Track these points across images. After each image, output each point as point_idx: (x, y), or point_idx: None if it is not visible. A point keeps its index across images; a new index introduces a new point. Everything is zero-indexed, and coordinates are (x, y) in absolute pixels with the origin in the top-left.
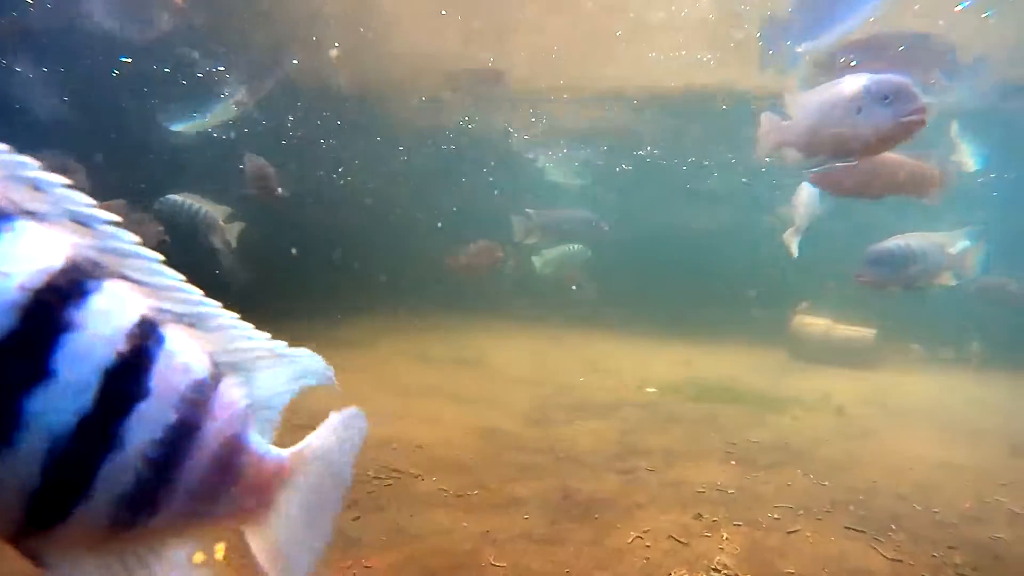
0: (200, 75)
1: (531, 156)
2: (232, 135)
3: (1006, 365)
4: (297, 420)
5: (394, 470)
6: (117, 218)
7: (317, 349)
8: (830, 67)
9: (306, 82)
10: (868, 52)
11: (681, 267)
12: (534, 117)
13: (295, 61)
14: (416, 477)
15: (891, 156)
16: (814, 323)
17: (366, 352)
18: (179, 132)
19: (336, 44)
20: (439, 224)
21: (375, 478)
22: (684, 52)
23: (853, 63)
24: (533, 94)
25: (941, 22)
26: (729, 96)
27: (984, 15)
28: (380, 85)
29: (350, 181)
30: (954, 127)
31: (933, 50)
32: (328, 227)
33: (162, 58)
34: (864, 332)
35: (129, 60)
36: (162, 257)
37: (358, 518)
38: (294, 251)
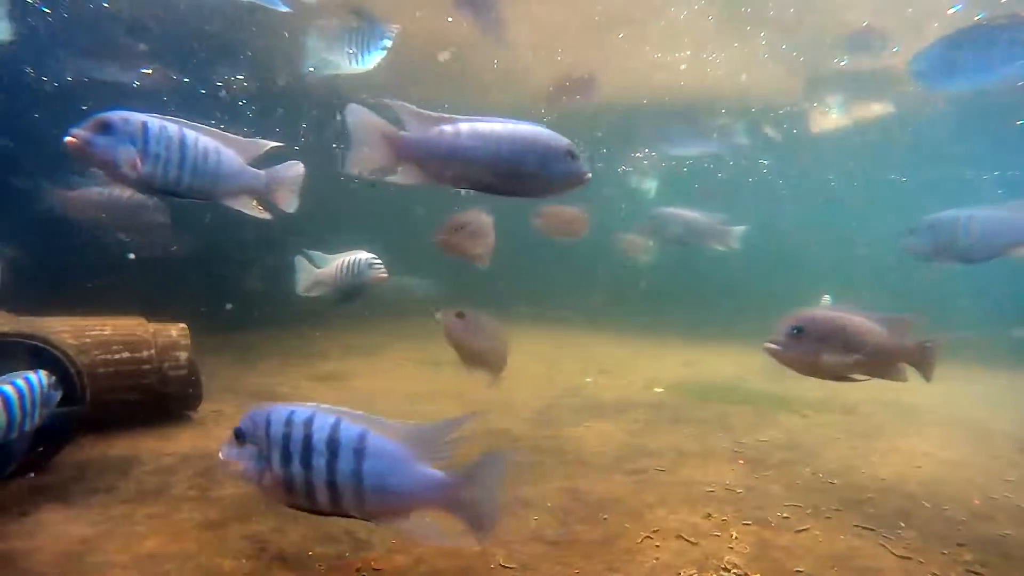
0: None
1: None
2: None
3: (1014, 363)
4: None
5: None
6: None
7: (329, 356)
8: None
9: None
10: None
11: (685, 267)
12: (546, 119)
13: (311, 69)
14: None
15: None
16: None
17: (375, 358)
18: None
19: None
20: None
21: None
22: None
23: None
24: None
25: (936, 24)
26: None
27: (976, 17)
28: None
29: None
30: None
31: None
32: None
33: None
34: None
35: None
36: None
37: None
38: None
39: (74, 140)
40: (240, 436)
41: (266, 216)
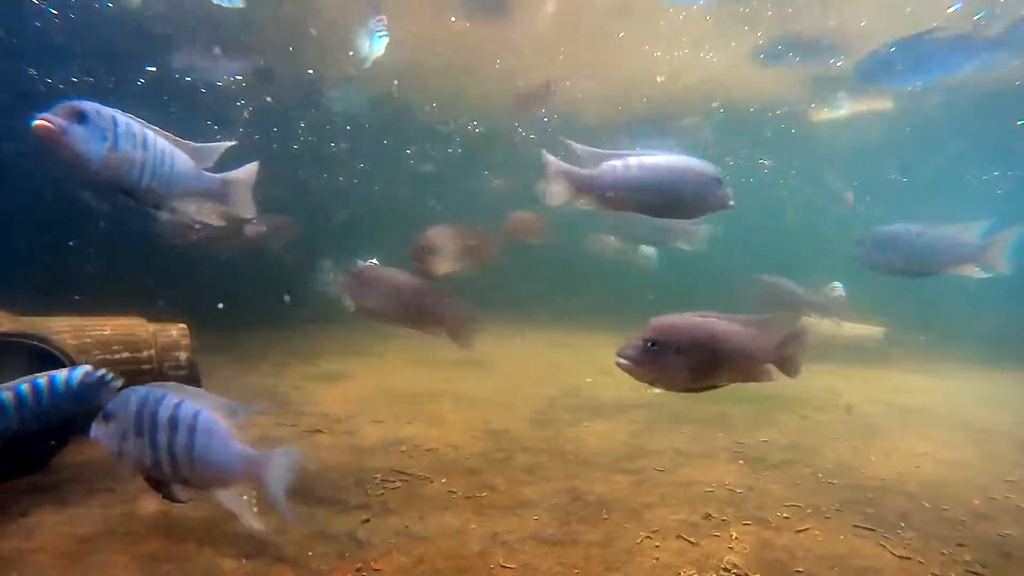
0: None
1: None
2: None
3: (1014, 363)
4: (309, 422)
5: (403, 472)
6: None
7: (329, 356)
8: None
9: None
10: None
11: (684, 267)
12: (546, 117)
13: (310, 72)
14: (425, 479)
15: None
16: (823, 321)
17: (374, 358)
18: None
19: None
20: None
21: (384, 481)
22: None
23: None
24: None
25: (935, 23)
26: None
27: (976, 16)
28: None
29: (355, 185)
30: None
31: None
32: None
33: None
34: (874, 330)
35: None
36: None
37: (367, 520)
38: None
39: (48, 125)
40: (107, 415)
41: (220, 223)
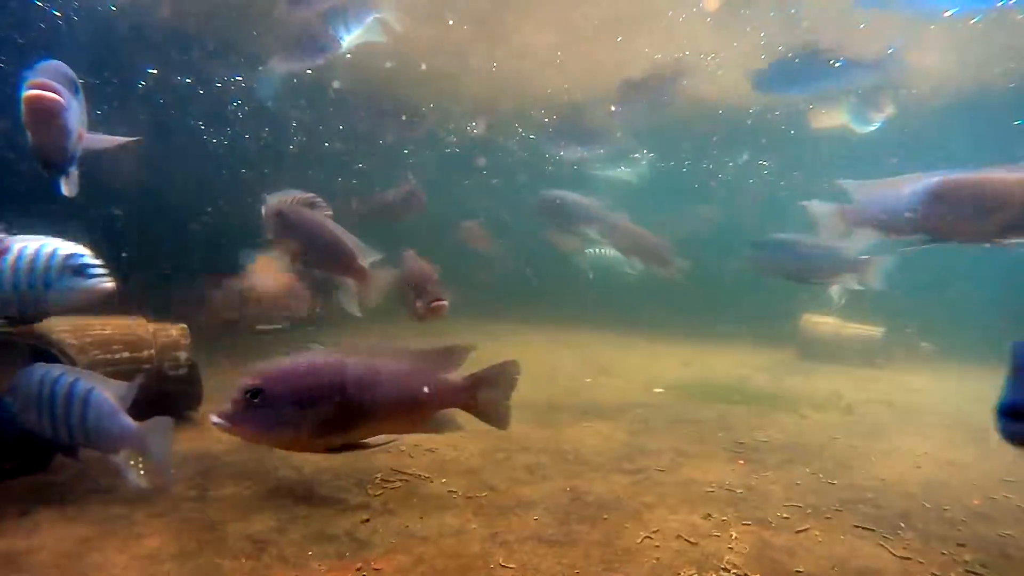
0: None
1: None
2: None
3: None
4: None
5: (403, 472)
6: None
7: None
8: None
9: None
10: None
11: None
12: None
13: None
14: (425, 479)
15: None
16: (823, 322)
17: None
18: None
19: None
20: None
21: (384, 480)
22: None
23: None
24: None
25: (933, 27)
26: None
27: (973, 21)
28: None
29: (354, 185)
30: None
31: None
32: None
33: None
34: (872, 331)
35: None
36: None
37: (367, 520)
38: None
39: (58, 98)
40: (14, 390)
41: (70, 193)
